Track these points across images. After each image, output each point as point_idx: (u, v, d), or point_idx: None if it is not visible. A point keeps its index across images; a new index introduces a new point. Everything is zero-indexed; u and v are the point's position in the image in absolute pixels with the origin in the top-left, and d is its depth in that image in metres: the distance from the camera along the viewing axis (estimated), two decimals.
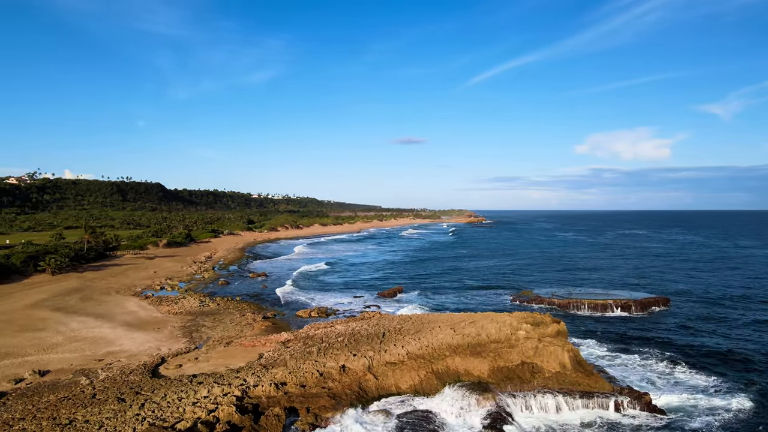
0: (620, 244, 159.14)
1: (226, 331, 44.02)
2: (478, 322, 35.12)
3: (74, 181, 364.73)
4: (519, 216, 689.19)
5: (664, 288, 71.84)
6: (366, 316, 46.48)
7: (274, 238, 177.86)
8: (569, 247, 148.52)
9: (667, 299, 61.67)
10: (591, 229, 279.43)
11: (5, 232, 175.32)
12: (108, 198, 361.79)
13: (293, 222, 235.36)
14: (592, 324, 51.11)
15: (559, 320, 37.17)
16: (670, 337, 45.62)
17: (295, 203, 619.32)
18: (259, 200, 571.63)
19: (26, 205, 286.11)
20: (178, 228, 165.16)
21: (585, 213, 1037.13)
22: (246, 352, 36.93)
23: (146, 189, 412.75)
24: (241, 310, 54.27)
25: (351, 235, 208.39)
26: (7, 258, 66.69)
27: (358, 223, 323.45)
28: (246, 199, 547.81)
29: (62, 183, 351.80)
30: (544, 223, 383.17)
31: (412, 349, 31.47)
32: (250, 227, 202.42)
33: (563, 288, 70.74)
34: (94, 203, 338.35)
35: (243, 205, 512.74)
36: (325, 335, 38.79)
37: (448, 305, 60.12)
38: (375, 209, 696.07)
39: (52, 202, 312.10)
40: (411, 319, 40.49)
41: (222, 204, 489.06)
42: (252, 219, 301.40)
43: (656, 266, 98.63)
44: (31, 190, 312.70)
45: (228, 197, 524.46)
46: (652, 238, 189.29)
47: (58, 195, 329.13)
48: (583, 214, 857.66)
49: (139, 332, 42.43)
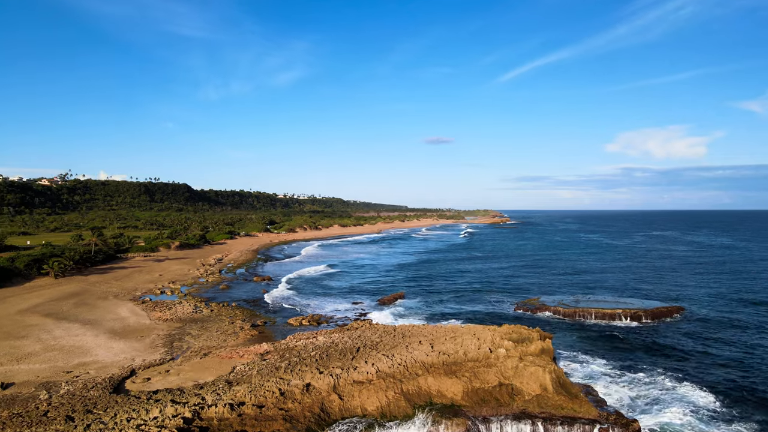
0: (643, 247, 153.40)
1: (209, 340, 42.91)
2: (459, 338, 33.02)
3: (104, 182, 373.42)
4: (547, 216, 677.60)
5: (681, 296, 68.05)
6: (353, 326, 44.75)
7: (291, 239, 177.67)
8: (589, 250, 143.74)
9: (681, 308, 58.20)
10: (619, 230, 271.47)
11: (32, 232, 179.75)
12: (136, 198, 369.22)
13: (312, 223, 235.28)
14: (597, 335, 48.29)
15: (550, 335, 34.83)
16: (678, 353, 42.53)
17: (321, 203, 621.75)
18: (285, 200, 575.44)
19: (57, 206, 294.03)
20: (196, 229, 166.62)
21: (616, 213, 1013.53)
22: (220, 365, 35.65)
23: (173, 190, 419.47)
24: (233, 317, 53.23)
25: (368, 237, 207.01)
26: (12, 261, 67.36)
27: (378, 223, 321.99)
28: (271, 200, 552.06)
29: (92, 184, 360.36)
30: (570, 224, 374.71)
31: (383, 366, 29.59)
32: (269, 228, 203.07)
33: (573, 294, 67.74)
34: (122, 204, 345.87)
35: (268, 205, 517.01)
36: (304, 347, 37.24)
37: (447, 313, 57.95)
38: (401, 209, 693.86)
39: (82, 203, 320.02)
40: (395, 331, 38.59)
41: (247, 204, 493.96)
42: (274, 220, 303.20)
43: (676, 271, 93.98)
44: (62, 191, 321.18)
45: (254, 197, 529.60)
46: (678, 241, 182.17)
47: (87, 196, 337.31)
48: (614, 215, 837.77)
49: (120, 341, 41.65)
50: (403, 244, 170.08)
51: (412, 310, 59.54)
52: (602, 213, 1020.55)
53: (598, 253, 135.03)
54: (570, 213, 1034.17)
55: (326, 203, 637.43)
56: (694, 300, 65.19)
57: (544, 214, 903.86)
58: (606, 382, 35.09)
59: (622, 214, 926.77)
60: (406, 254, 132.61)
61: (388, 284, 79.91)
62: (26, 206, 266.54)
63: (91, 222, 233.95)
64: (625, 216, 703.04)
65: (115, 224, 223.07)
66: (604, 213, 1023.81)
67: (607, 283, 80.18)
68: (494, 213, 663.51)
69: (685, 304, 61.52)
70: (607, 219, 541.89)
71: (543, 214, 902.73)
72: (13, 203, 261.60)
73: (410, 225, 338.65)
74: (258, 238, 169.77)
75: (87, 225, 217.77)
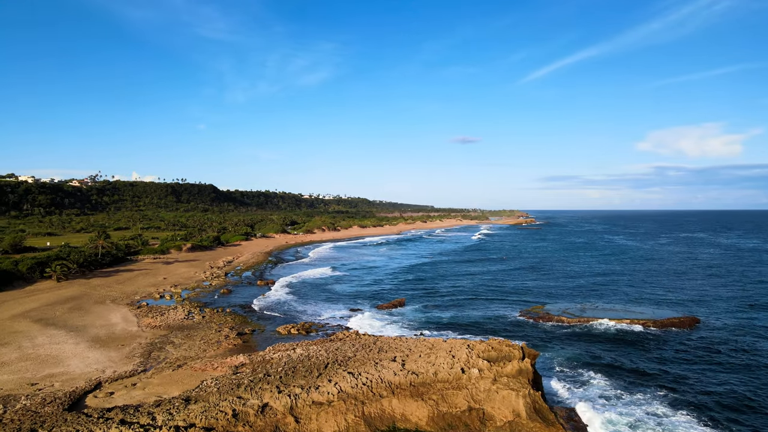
0: (667, 250, 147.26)
1: (189, 350, 41.84)
2: (433, 355, 30.98)
3: (132, 183, 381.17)
4: (574, 216, 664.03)
5: (698, 305, 64.17)
6: (337, 337, 43.11)
7: (308, 241, 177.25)
8: (608, 253, 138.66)
9: (696, 320, 54.62)
10: (645, 232, 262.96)
11: (57, 233, 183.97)
12: (163, 199, 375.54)
13: (331, 224, 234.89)
14: (599, 348, 45.43)
15: (535, 352, 32.50)
16: (684, 374, 39.29)
17: (346, 204, 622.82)
18: (310, 201, 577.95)
19: (86, 207, 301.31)
20: (214, 230, 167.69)
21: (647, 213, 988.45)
22: (190, 378, 34.43)
23: (199, 190, 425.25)
24: (222, 324, 52.22)
25: (386, 238, 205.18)
26: (16, 264, 68.03)
27: (399, 224, 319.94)
28: (297, 200, 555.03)
29: (120, 185, 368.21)
30: (596, 225, 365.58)
31: (346, 386, 27.81)
32: (287, 229, 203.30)
33: (582, 302, 64.70)
34: (149, 204, 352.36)
35: (293, 205, 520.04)
36: (278, 360, 35.73)
37: (444, 321, 55.69)
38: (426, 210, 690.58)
39: (110, 204, 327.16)
40: (374, 344, 36.72)
41: (273, 205, 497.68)
42: (295, 220, 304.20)
43: (697, 278, 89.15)
44: (91, 192, 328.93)
45: (279, 198, 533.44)
46: (706, 243, 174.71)
47: (116, 197, 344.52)
48: (645, 215, 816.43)
49: (98, 350, 40.94)
50: (419, 246, 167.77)
51: (409, 318, 57.52)
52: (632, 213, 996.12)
53: (617, 256, 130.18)
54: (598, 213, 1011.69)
55: (351, 203, 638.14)
56: (711, 311, 61.25)
57: (571, 214, 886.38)
58: (597, 405, 32.51)
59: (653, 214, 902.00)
60: (419, 256, 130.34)
61: (391, 289, 78.02)
62: (56, 207, 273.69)
63: (117, 223, 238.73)
64: (655, 216, 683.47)
65: (138, 225, 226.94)
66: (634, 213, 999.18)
67: (620, 289, 76.58)
68: (520, 213, 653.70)
69: (702, 315, 57.82)
70: (636, 219, 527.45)
71: (570, 214, 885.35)
72: (44, 204, 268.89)
73: (432, 226, 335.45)
74: (274, 239, 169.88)
75: (112, 226, 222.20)
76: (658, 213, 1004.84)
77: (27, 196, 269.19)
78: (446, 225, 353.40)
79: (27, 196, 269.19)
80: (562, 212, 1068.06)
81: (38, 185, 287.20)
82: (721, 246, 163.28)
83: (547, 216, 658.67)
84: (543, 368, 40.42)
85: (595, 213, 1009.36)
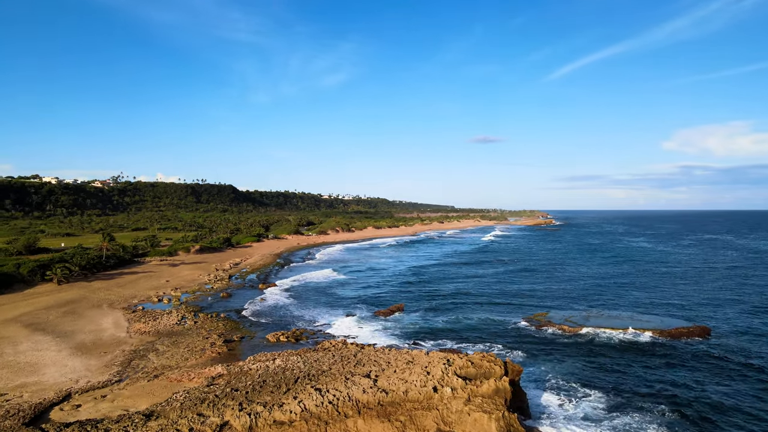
0: (687, 253, 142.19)
1: (171, 359, 40.91)
2: (409, 369, 29.34)
3: (152, 184, 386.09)
4: (596, 217, 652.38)
5: (711, 313, 61.06)
6: (322, 346, 41.69)
7: (321, 242, 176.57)
8: (624, 256, 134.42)
9: (707, 330, 51.76)
10: (667, 233, 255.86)
11: (76, 233, 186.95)
12: (183, 200, 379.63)
13: (345, 225, 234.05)
14: (598, 361, 43.16)
15: (519, 368, 30.62)
16: (688, 390, 36.79)
17: (365, 204, 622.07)
18: (329, 201, 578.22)
19: (107, 207, 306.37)
20: (227, 231, 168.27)
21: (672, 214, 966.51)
22: (164, 390, 33.41)
23: (218, 191, 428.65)
24: (213, 330, 51.33)
25: (399, 239, 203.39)
26: (18, 267, 68.41)
27: (416, 225, 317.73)
28: (316, 200, 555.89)
29: (141, 186, 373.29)
30: (618, 226, 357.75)
31: (310, 404, 26.34)
32: (300, 230, 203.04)
33: (588, 309, 62.19)
34: (169, 205, 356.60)
35: (312, 206, 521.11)
36: (255, 371, 34.50)
37: (440, 329, 53.86)
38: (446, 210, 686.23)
39: (131, 204, 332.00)
40: (354, 357, 35.19)
41: (292, 205, 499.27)
42: (312, 221, 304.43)
43: (715, 283, 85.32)
44: (113, 193, 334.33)
45: (298, 198, 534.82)
46: (730, 246, 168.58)
47: (137, 197, 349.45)
48: (670, 215, 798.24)
49: (79, 358, 40.30)
50: (430, 248, 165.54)
51: (405, 325, 55.83)
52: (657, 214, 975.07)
53: (633, 259, 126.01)
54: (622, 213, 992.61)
55: (371, 204, 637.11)
56: (725, 320, 58.11)
57: (594, 214, 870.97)
58: (586, 426, 30.49)
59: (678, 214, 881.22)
60: (428, 259, 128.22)
61: (393, 293, 76.37)
62: (78, 208, 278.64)
63: (136, 223, 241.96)
64: (681, 217, 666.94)
65: (155, 225, 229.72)
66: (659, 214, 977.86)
67: (630, 295, 73.62)
68: (540, 213, 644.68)
69: (714, 324, 54.87)
70: (660, 220, 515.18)
71: (593, 214, 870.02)
72: (66, 205, 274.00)
73: (448, 227, 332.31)
74: (286, 240, 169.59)
75: (131, 226, 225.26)
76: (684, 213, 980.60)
77: (50, 196, 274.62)
78: (463, 226, 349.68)
79: (50, 196, 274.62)
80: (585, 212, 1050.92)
81: (61, 186, 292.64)
82: (745, 249, 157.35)
83: (568, 216, 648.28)
84: (537, 381, 38.46)
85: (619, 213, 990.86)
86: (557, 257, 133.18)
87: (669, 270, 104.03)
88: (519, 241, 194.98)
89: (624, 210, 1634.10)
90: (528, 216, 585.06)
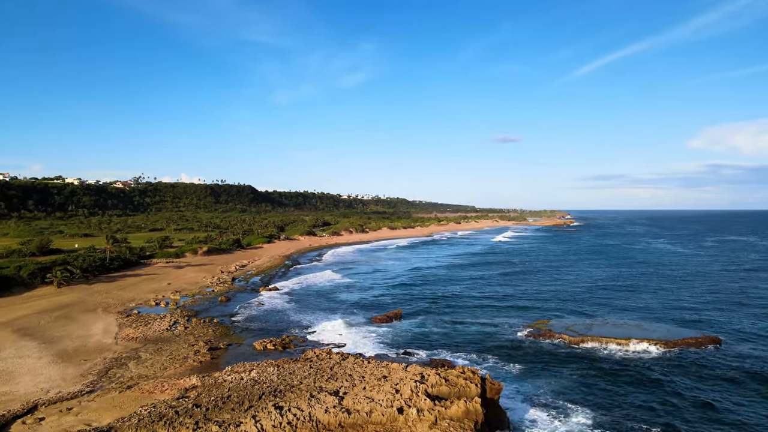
0: (707, 255, 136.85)
1: (151, 368, 39.97)
2: (379, 387, 27.67)
3: (172, 185, 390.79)
4: (619, 217, 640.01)
5: (723, 321, 57.89)
6: (305, 356, 40.27)
7: (333, 243, 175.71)
8: (640, 258, 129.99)
9: (718, 340, 48.88)
10: (692, 234, 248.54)
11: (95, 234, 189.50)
12: (202, 200, 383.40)
13: (359, 226, 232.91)
14: (596, 375, 40.81)
15: (499, 386, 28.73)
16: (688, 409, 34.40)
17: (384, 204, 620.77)
18: (348, 201, 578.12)
19: (128, 208, 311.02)
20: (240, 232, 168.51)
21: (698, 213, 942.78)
22: (133, 402, 32.38)
23: (237, 191, 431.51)
24: (201, 336, 50.44)
25: (413, 240, 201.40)
26: (19, 269, 68.75)
27: (432, 225, 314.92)
28: (335, 200, 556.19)
29: (161, 186, 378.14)
30: (639, 226, 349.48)
31: (267, 425, 24.85)
32: (314, 231, 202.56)
33: (593, 316, 59.65)
34: (189, 205, 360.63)
35: (331, 206, 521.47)
36: (230, 383, 33.27)
37: (435, 339, 51.96)
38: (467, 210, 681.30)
39: (151, 205, 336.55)
40: (330, 370, 33.70)
41: (310, 205, 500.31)
42: (328, 221, 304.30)
43: (732, 289, 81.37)
44: (133, 194, 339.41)
45: (317, 198, 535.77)
46: (753, 248, 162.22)
47: (157, 198, 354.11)
48: (695, 215, 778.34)
49: (57, 366, 39.64)
50: (441, 249, 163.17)
51: (400, 333, 54.10)
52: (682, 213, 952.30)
53: (649, 262, 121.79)
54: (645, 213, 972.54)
55: (390, 204, 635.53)
56: (738, 329, 54.97)
57: (617, 214, 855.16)
58: None
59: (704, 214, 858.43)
60: (437, 261, 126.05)
61: (395, 297, 74.69)
62: (99, 208, 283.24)
63: (154, 224, 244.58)
64: (707, 217, 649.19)
65: (171, 226, 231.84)
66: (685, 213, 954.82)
67: (641, 301, 70.58)
68: (561, 214, 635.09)
69: (725, 335, 51.85)
70: (684, 220, 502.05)
71: (616, 214, 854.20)
72: (88, 205, 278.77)
73: (465, 227, 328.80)
74: (298, 241, 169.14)
75: (148, 227, 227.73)
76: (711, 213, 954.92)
77: (72, 197, 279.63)
78: (480, 226, 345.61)
79: (72, 197, 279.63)
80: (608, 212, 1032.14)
81: (83, 187, 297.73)
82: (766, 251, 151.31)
83: (590, 217, 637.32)
84: (527, 396, 36.45)
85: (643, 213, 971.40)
86: (569, 259, 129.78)
87: (684, 273, 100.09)
88: (533, 243, 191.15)
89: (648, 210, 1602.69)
90: (548, 216, 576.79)
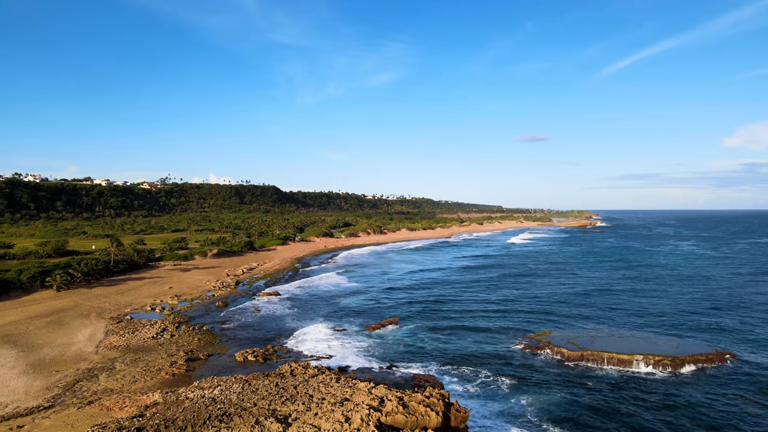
0: (736, 260, 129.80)
1: (120, 380, 38.63)
2: (331, 414, 25.46)
3: (197, 186, 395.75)
4: (648, 217, 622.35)
5: (740, 334, 53.65)
6: (280, 370, 38.34)
7: (349, 245, 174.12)
8: (663, 263, 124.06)
9: (730, 356, 45.03)
10: (721, 236, 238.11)
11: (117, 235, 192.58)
12: (227, 201, 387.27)
13: (378, 227, 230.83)
14: (593, 396, 37.75)
15: (465, 413, 26.17)
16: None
17: (409, 204, 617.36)
18: (373, 201, 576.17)
19: (153, 209, 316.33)
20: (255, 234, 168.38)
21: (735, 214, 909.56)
22: (87, 420, 30.95)
23: (262, 192, 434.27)
24: (185, 344, 49.17)
25: (430, 242, 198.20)
26: (19, 273, 68.99)
27: (453, 226, 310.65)
28: (359, 201, 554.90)
29: (187, 187, 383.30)
30: (669, 227, 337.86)
31: None
32: (332, 232, 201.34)
33: (598, 327, 56.14)
34: (213, 206, 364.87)
35: (356, 206, 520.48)
36: (188, 402, 31.58)
37: (429, 350, 49.46)
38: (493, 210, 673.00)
39: (177, 205, 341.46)
40: (296, 388, 31.64)
41: (335, 205, 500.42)
42: (349, 222, 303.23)
43: (756, 299, 76.05)
44: (159, 195, 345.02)
45: (341, 198, 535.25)
46: None
47: (183, 198, 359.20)
48: (732, 216, 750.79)
49: (27, 377, 38.70)
50: (456, 251, 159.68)
51: (390, 343, 51.75)
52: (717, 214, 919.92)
53: (670, 266, 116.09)
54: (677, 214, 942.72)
55: (415, 204, 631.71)
56: (754, 342, 50.80)
57: (647, 214, 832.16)
58: None
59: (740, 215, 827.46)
60: (448, 264, 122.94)
61: (396, 303, 72.33)
62: (126, 209, 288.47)
63: (176, 224, 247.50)
64: (742, 218, 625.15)
65: (192, 227, 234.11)
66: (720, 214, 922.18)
67: (654, 309, 66.62)
68: (589, 214, 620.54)
69: (738, 349, 47.86)
70: (717, 221, 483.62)
71: (646, 214, 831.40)
72: (115, 206, 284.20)
73: (488, 228, 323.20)
74: (313, 243, 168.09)
75: (171, 227, 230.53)
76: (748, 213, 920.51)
77: (99, 198, 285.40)
78: (503, 227, 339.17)
79: (99, 198, 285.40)
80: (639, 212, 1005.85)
81: (110, 188, 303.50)
82: None
83: (619, 217, 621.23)
84: (510, 416, 33.78)
85: (675, 213, 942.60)
86: (586, 262, 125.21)
87: (706, 278, 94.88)
88: (551, 246, 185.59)
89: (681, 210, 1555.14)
90: (575, 217, 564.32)
